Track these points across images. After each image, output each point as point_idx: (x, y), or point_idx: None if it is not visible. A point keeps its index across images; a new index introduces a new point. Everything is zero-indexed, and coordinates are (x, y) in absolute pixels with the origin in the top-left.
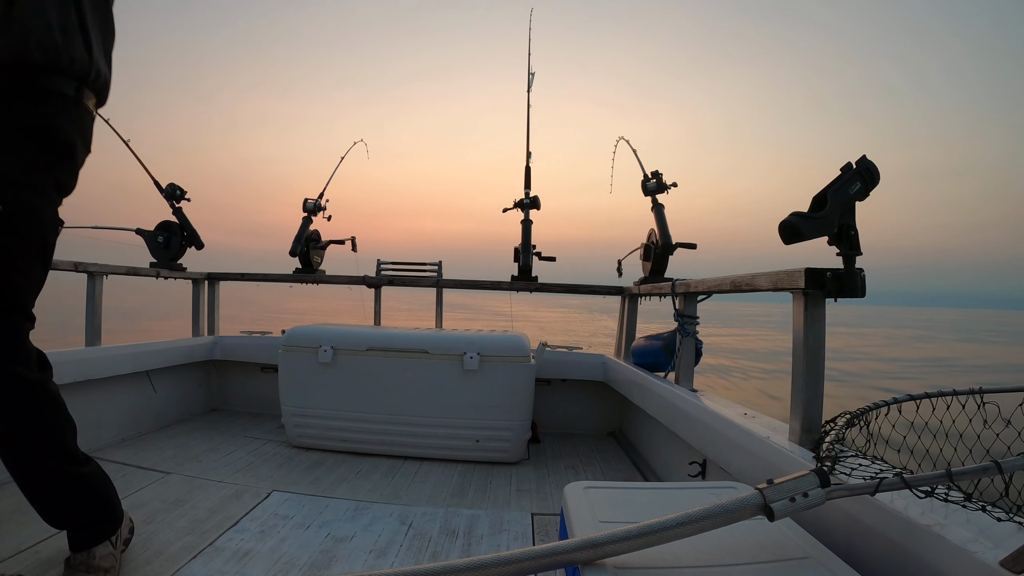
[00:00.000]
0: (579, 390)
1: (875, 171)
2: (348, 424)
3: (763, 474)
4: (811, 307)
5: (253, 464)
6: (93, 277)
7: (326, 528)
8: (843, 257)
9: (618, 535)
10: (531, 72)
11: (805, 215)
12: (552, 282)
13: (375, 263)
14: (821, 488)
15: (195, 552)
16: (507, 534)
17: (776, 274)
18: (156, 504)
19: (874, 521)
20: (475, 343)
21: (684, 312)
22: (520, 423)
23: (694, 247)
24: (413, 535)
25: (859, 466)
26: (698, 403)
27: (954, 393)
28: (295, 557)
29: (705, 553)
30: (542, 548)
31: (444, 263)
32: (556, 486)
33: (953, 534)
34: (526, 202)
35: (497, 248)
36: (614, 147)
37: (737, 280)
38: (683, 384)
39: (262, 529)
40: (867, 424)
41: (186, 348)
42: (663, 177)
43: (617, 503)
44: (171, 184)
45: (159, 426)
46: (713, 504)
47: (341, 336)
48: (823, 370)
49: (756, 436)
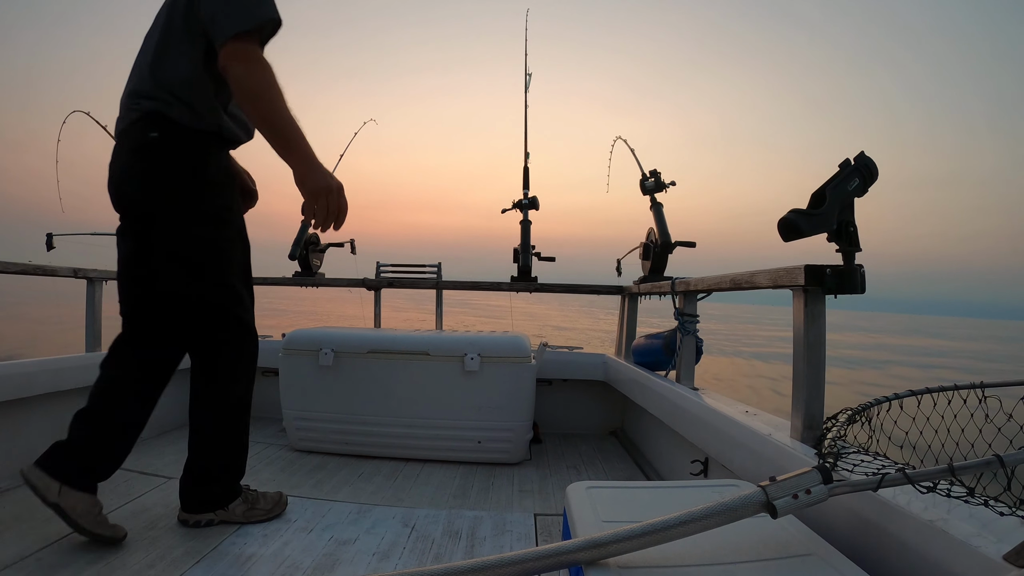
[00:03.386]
0: (580, 390)
1: (874, 167)
2: (350, 427)
3: (765, 471)
4: (811, 304)
5: (255, 468)
6: (92, 283)
7: (329, 531)
8: (842, 253)
9: (621, 535)
10: (528, 73)
11: (804, 212)
12: (551, 282)
13: (374, 264)
14: (824, 485)
15: (198, 557)
16: (510, 535)
17: (776, 271)
18: (158, 509)
19: (877, 517)
20: (476, 344)
21: (684, 310)
22: (521, 424)
23: (693, 245)
24: (416, 537)
25: (861, 462)
26: (699, 401)
27: (955, 388)
28: (298, 561)
29: (709, 551)
30: (545, 548)
31: (443, 260)
32: (558, 486)
33: (956, 529)
34: (525, 202)
35: (497, 245)
36: (611, 147)
37: (737, 278)
38: (684, 382)
39: (265, 533)
40: (869, 420)
41: None
42: (661, 176)
43: (620, 503)
44: None
45: (160, 431)
46: (716, 502)
47: (342, 339)
48: (824, 367)
49: (758, 434)
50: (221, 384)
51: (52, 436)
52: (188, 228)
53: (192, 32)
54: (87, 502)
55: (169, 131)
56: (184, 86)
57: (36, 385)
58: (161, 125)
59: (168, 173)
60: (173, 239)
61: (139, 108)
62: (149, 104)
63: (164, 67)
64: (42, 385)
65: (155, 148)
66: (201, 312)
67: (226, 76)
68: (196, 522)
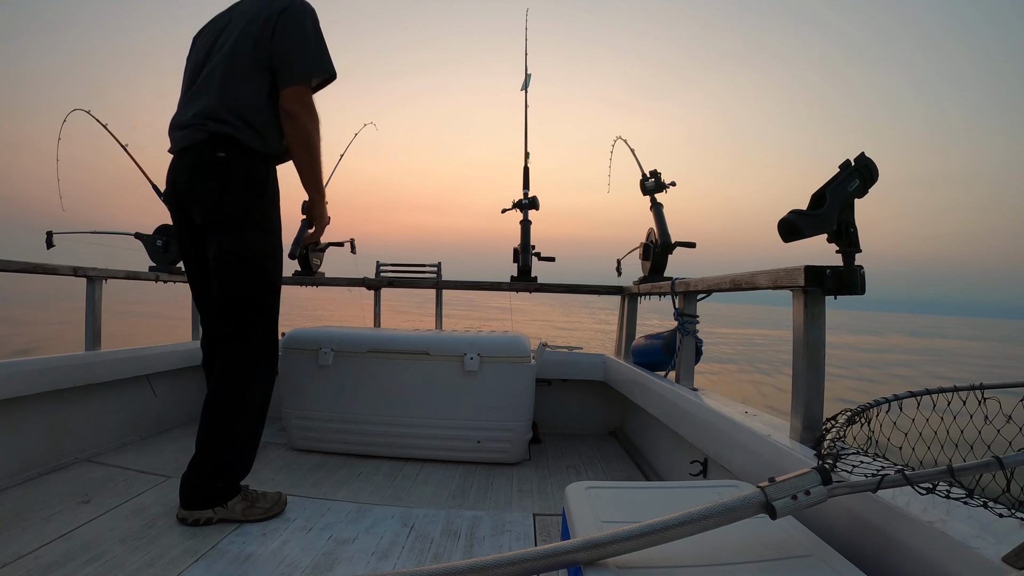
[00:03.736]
0: (579, 390)
1: (874, 168)
2: (349, 426)
3: (765, 472)
4: (811, 305)
5: (254, 468)
6: (92, 281)
7: (328, 531)
8: (842, 254)
9: (620, 535)
10: (528, 73)
11: (804, 213)
12: (551, 282)
13: (374, 264)
14: (823, 486)
15: (197, 555)
16: (509, 535)
17: (776, 272)
18: (158, 508)
19: (876, 518)
20: (475, 344)
21: (684, 311)
22: (521, 424)
23: (693, 246)
24: (415, 537)
25: (861, 463)
26: (699, 402)
27: (955, 389)
28: (297, 560)
29: (707, 552)
30: (544, 548)
31: (443, 259)
32: (557, 486)
33: (955, 530)
34: (525, 203)
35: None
36: (612, 147)
37: (737, 278)
38: (683, 383)
39: (264, 532)
40: (868, 421)
41: (186, 352)
42: (661, 176)
43: (619, 503)
44: None
45: (160, 430)
46: (715, 503)
47: (341, 338)
48: (824, 368)
49: (757, 434)
50: (239, 382)
51: (50, 435)
52: (249, 236)
53: (260, 65)
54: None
55: (236, 152)
56: (254, 113)
57: (35, 384)
58: (228, 146)
59: (235, 189)
60: (236, 245)
61: (206, 129)
62: (217, 127)
63: (234, 94)
64: (41, 384)
65: (223, 167)
66: (247, 309)
67: (284, 114)
68: (195, 520)
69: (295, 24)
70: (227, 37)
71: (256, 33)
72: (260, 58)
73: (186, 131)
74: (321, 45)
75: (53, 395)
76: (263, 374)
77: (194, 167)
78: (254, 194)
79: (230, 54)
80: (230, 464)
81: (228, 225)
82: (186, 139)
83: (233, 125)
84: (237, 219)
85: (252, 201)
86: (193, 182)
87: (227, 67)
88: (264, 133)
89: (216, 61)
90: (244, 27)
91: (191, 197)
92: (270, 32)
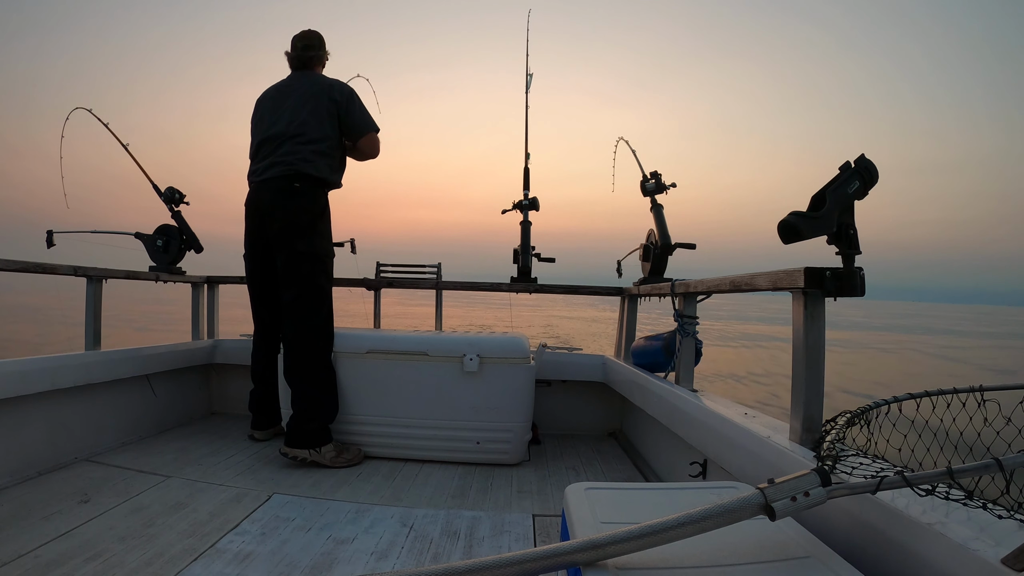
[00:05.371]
0: (579, 391)
1: (874, 170)
2: (349, 427)
3: (764, 474)
4: (811, 306)
5: (253, 467)
6: (92, 281)
7: (327, 530)
8: (842, 256)
9: (619, 536)
10: (529, 73)
11: (804, 214)
12: (551, 283)
13: (374, 264)
14: (822, 487)
15: (196, 554)
16: (508, 535)
17: (775, 274)
18: (157, 507)
19: (875, 520)
20: (475, 345)
21: (684, 312)
22: (520, 424)
23: (693, 247)
24: (414, 537)
25: (860, 465)
26: (698, 403)
27: (954, 391)
28: (296, 559)
29: (707, 553)
30: (544, 549)
31: (443, 257)
32: (557, 487)
33: (954, 532)
34: (525, 203)
35: (496, 243)
36: (614, 147)
37: (736, 280)
38: (683, 384)
39: (263, 531)
40: (867, 423)
41: (186, 352)
42: (662, 177)
43: (618, 504)
44: (170, 188)
45: (159, 430)
46: (714, 504)
47: (341, 339)
48: (823, 369)
49: (757, 436)
50: (315, 348)
51: (50, 434)
52: (316, 245)
53: (333, 119)
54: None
55: (308, 183)
56: (328, 153)
57: (35, 383)
58: (302, 178)
59: (307, 212)
60: (308, 250)
61: (286, 163)
62: (296, 162)
63: (313, 137)
64: (41, 383)
65: (298, 194)
66: (317, 294)
67: (357, 146)
68: (294, 456)
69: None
70: (295, 92)
71: (327, 105)
72: (333, 115)
73: (264, 164)
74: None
75: (53, 395)
76: (328, 343)
77: (277, 192)
78: (320, 217)
79: (310, 110)
80: (319, 410)
81: (302, 238)
82: (266, 171)
83: (310, 161)
84: (308, 233)
85: (319, 221)
86: (275, 205)
87: (306, 118)
88: (334, 168)
89: (282, 107)
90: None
91: (273, 216)
92: (336, 108)
